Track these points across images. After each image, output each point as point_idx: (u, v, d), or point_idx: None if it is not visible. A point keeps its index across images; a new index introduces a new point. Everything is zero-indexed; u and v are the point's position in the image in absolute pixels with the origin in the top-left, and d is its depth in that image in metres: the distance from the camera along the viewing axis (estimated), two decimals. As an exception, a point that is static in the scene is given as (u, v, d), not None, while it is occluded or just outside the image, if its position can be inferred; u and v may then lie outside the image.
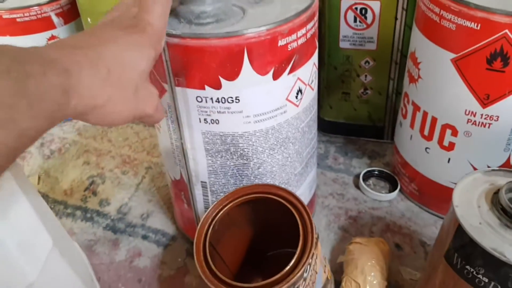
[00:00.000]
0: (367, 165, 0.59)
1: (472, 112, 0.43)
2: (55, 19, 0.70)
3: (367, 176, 0.57)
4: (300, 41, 0.38)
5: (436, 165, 0.48)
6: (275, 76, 0.38)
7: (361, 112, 0.61)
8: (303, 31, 0.38)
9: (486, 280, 0.31)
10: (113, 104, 0.28)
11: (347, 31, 0.54)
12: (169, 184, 0.50)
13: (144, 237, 0.51)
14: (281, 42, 0.37)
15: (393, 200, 0.54)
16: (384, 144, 0.62)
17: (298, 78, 0.40)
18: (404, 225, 0.50)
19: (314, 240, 0.35)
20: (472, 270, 0.32)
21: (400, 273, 0.45)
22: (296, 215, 0.36)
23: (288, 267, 0.33)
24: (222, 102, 0.38)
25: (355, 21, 0.53)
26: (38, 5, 0.68)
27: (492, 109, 0.42)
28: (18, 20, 0.67)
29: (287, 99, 0.40)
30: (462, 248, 0.32)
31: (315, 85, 0.44)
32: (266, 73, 0.37)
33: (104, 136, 0.68)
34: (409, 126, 0.50)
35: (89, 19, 0.63)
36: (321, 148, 0.63)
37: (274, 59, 0.37)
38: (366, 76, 0.57)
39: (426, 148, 0.48)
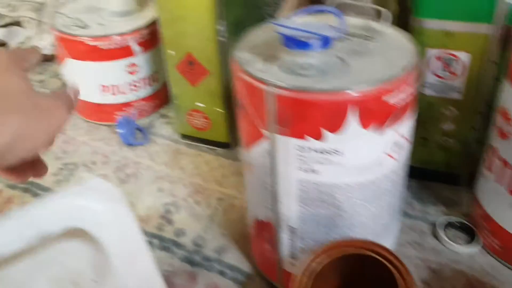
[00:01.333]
0: (443, 213, 0.58)
1: None
2: (135, 47, 0.72)
3: (445, 225, 0.56)
4: (404, 97, 0.38)
5: (525, 223, 0.47)
6: (378, 131, 0.38)
7: (438, 158, 0.60)
8: (407, 88, 0.38)
9: None
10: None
11: (432, 79, 0.54)
12: (250, 222, 0.50)
13: (221, 273, 0.52)
14: (385, 98, 0.37)
15: (473, 253, 0.53)
16: (461, 191, 0.60)
17: (399, 133, 0.40)
18: (489, 283, 0.49)
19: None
20: None
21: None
22: (396, 277, 0.36)
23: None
24: (323, 153, 0.38)
25: (442, 69, 0.53)
26: (120, 34, 0.70)
27: None
28: (100, 47, 0.70)
29: (387, 153, 0.40)
30: None
31: (411, 138, 0.43)
32: (369, 127, 0.37)
33: (176, 163, 0.69)
34: (494, 181, 0.49)
35: (171, 52, 0.65)
36: (394, 191, 0.62)
37: (377, 114, 0.37)
38: (448, 124, 0.56)
39: (515, 205, 0.47)
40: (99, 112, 0.77)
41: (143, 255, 0.31)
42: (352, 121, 0.37)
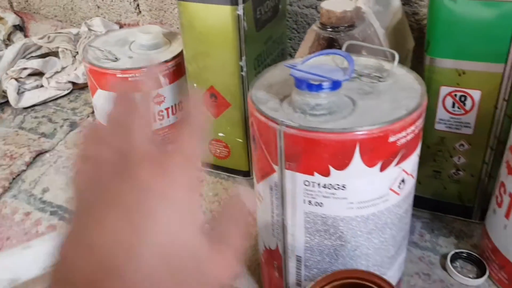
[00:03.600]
0: (454, 245, 0.59)
1: None
2: (162, 79, 0.76)
3: (455, 257, 0.57)
4: (409, 137, 0.40)
5: (532, 259, 0.48)
6: (382, 168, 0.40)
7: (450, 191, 0.61)
8: (412, 128, 0.40)
9: None
10: None
11: (444, 115, 0.56)
12: (260, 250, 0.52)
13: (234, 298, 0.54)
14: (391, 139, 0.39)
15: (481, 285, 0.54)
16: (472, 224, 0.61)
17: (403, 170, 0.42)
18: (495, 316, 0.50)
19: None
20: None
21: None
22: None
23: None
24: (329, 188, 0.41)
25: (453, 106, 0.55)
26: (149, 66, 0.75)
27: None
28: (129, 79, 0.75)
29: (390, 188, 0.42)
30: None
31: (416, 173, 0.45)
32: (374, 165, 0.40)
33: (196, 189, 0.73)
34: (504, 216, 0.50)
35: (195, 85, 0.69)
36: (407, 222, 0.63)
37: (383, 153, 0.39)
38: (459, 158, 0.58)
39: (522, 240, 0.48)
40: (126, 139, 0.81)
41: None
42: (358, 160, 0.39)
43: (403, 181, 0.42)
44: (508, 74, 0.50)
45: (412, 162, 0.43)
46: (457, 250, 0.57)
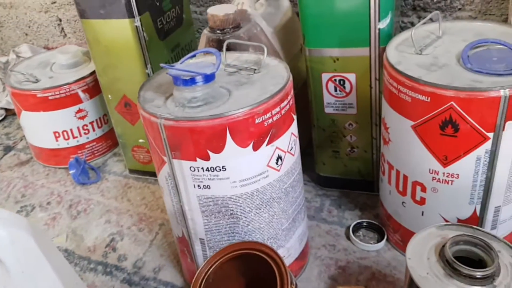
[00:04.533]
0: (359, 217, 0.64)
1: (435, 171, 0.48)
2: (81, 94, 0.80)
3: (357, 227, 0.62)
4: (275, 118, 0.45)
5: (413, 217, 0.54)
6: (255, 148, 0.45)
7: (351, 168, 0.67)
8: (277, 109, 0.45)
9: (434, 323, 0.36)
10: None
11: (330, 99, 0.61)
12: (175, 240, 0.56)
13: (155, 289, 0.58)
14: (258, 120, 0.44)
15: (381, 250, 0.59)
16: (375, 197, 0.67)
17: (277, 147, 0.46)
18: (389, 274, 0.55)
19: (290, 288, 0.40)
20: (423, 314, 0.37)
21: (381, 319, 0.50)
22: (274, 268, 0.42)
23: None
24: (211, 171, 0.45)
25: (335, 90, 0.60)
26: (67, 84, 0.78)
27: (452, 168, 0.47)
28: (50, 98, 0.78)
29: (268, 165, 0.46)
30: (414, 294, 0.38)
31: (295, 151, 0.50)
32: (247, 146, 0.44)
33: (124, 196, 0.76)
34: (387, 182, 0.56)
35: (109, 96, 0.72)
36: (317, 202, 0.68)
37: (252, 134, 0.44)
38: (351, 136, 0.64)
39: (403, 202, 0.54)
40: (55, 157, 0.84)
41: (46, 274, 0.36)
42: (231, 142, 0.44)
43: (280, 158, 0.47)
44: (374, 56, 0.56)
45: (285, 140, 0.47)
46: (359, 221, 0.62)
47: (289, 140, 0.48)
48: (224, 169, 0.45)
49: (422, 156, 0.48)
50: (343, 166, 0.67)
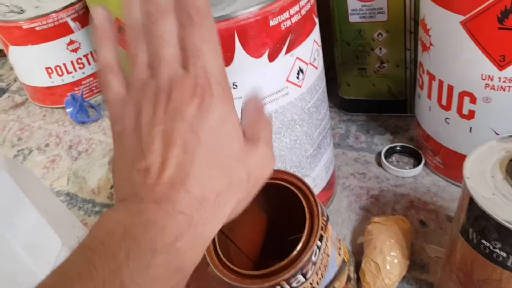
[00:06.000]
0: (390, 141, 0.57)
1: (489, 76, 0.40)
2: (71, 24, 0.71)
3: (390, 152, 0.55)
4: (294, 19, 0.37)
5: (458, 135, 0.46)
6: (271, 58, 0.37)
7: (380, 87, 0.59)
8: (296, 8, 0.37)
9: (505, 255, 0.29)
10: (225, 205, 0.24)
11: (355, 4, 0.52)
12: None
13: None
14: (272, 22, 0.35)
15: (418, 175, 0.52)
16: (408, 118, 0.59)
17: (297, 58, 0.39)
18: (430, 201, 0.48)
19: (321, 222, 0.34)
20: (488, 244, 0.30)
21: (425, 251, 0.43)
22: (302, 199, 0.35)
23: (295, 252, 0.33)
24: (221, 90, 0.38)
25: (363, -8, 0.51)
26: (55, 12, 0.70)
27: (510, 71, 0.39)
28: (37, 29, 0.69)
29: (287, 80, 0.39)
30: (476, 221, 0.31)
31: (318, 63, 0.42)
32: (261, 55, 0.36)
33: (128, 133, 0.69)
34: (427, 97, 0.48)
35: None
36: (342, 128, 0.61)
37: (267, 40, 0.36)
38: (381, 49, 0.55)
39: (446, 118, 0.46)
40: (51, 95, 0.76)
41: (27, 208, 0.31)
42: (241, 51, 0.36)
43: (301, 71, 0.39)
44: None
45: (307, 49, 0.39)
46: (391, 145, 0.55)
47: (311, 49, 0.40)
48: (235, 86, 0.37)
49: (474, 60, 0.40)
50: (371, 85, 0.59)
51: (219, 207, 0.23)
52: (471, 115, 0.44)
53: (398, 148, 0.55)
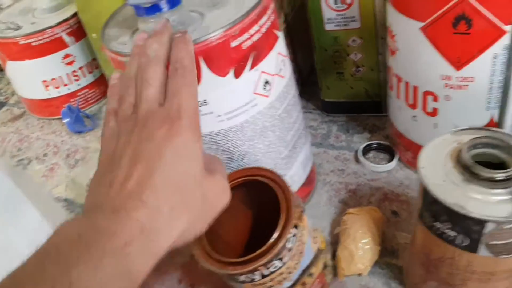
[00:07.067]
0: (368, 139, 0.61)
1: (448, 77, 0.44)
2: (66, 38, 0.75)
3: (367, 150, 0.59)
4: (255, 37, 0.39)
5: (425, 131, 0.50)
6: (237, 75, 0.39)
7: (357, 89, 0.62)
8: (255, 27, 0.39)
9: (454, 234, 0.33)
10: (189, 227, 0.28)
11: (330, 14, 0.56)
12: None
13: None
14: (234, 43, 0.38)
15: (392, 170, 0.55)
16: (384, 118, 0.63)
17: (262, 72, 0.41)
18: (402, 193, 0.52)
19: (296, 212, 0.38)
20: (440, 226, 0.34)
21: (395, 238, 0.47)
22: (278, 192, 0.39)
23: (272, 240, 0.36)
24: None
25: (335, 3, 0.55)
26: (50, 27, 0.73)
27: (466, 71, 0.43)
28: (33, 44, 0.73)
29: (255, 93, 0.41)
30: (430, 206, 0.34)
31: (285, 72, 0.45)
32: (227, 73, 0.39)
33: (123, 141, 0.73)
34: (396, 97, 0.51)
35: (94, 35, 0.68)
36: (324, 128, 0.65)
37: (231, 60, 0.38)
38: (355, 54, 0.59)
39: (414, 116, 0.50)
40: (48, 107, 0.80)
41: (29, 211, 0.34)
42: (207, 72, 0.38)
43: (267, 82, 0.42)
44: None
45: (272, 62, 0.42)
46: (368, 142, 0.59)
47: (276, 61, 0.43)
48: (205, 103, 0.40)
49: (433, 62, 0.44)
50: (349, 88, 0.62)
51: (171, 220, 0.26)
52: (434, 112, 0.47)
53: (374, 145, 0.59)
